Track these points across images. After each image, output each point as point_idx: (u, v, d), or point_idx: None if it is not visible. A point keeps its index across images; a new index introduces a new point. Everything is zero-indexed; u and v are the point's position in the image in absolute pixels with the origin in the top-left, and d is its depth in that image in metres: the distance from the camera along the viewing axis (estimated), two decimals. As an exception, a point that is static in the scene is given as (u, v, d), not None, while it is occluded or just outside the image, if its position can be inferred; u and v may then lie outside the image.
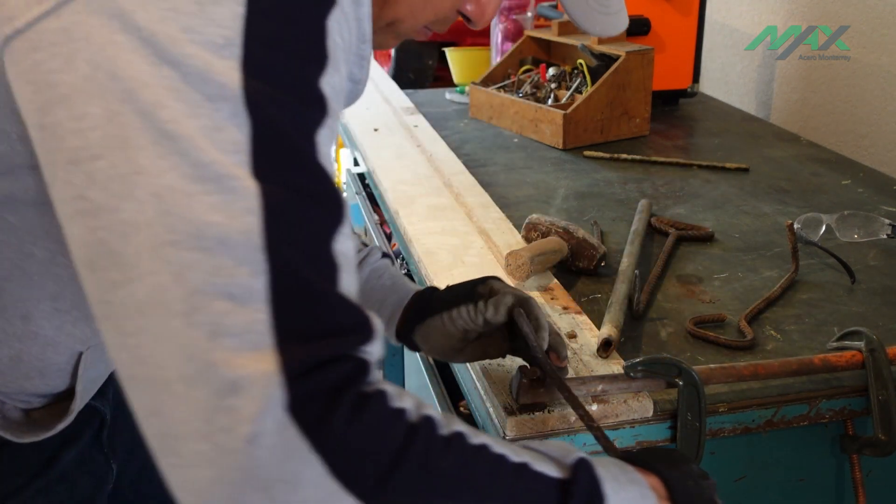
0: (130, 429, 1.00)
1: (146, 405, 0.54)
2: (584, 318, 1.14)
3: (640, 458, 0.75)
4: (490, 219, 1.47)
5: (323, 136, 0.59)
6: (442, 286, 1.23)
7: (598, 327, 1.11)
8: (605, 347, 1.05)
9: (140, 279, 0.53)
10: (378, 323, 0.59)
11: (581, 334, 1.10)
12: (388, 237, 1.89)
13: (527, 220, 1.38)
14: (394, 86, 2.44)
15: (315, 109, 0.58)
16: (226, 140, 0.54)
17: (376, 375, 0.58)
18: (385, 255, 1.06)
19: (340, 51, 0.61)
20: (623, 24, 0.89)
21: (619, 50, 1.95)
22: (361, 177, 2.09)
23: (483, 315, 0.91)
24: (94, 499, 0.94)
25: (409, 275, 1.51)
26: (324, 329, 0.54)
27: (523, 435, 0.93)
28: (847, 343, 1.05)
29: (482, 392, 1.00)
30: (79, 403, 0.86)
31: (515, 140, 2.00)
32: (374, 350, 0.58)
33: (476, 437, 0.61)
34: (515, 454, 0.63)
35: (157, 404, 0.53)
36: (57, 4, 0.57)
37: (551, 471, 0.64)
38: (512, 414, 0.93)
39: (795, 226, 1.35)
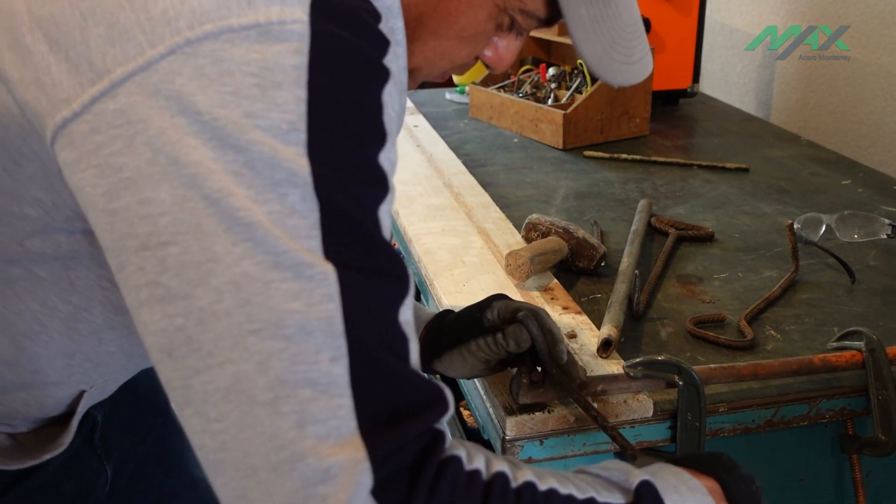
0: (126, 430, 0.99)
1: (232, 491, 0.55)
2: (584, 318, 1.14)
3: (693, 462, 0.75)
4: (490, 219, 1.47)
5: (384, 212, 0.60)
6: (442, 286, 1.23)
7: (598, 327, 1.11)
8: (605, 347, 1.05)
9: (221, 366, 0.54)
10: (448, 393, 0.60)
11: (581, 334, 1.10)
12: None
13: (527, 220, 1.38)
14: (394, 86, 2.44)
15: (377, 187, 0.60)
16: (297, 226, 0.55)
17: (452, 441, 0.60)
18: None
19: (394, 122, 0.63)
20: (646, 70, 0.83)
21: (619, 50, 1.95)
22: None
23: (505, 349, 0.90)
24: (78, 502, 0.93)
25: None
26: (403, 410, 0.56)
27: (523, 435, 0.93)
28: (847, 343, 1.05)
29: (482, 392, 1.00)
30: (70, 436, 0.85)
31: (515, 140, 2.00)
32: (447, 418, 0.60)
33: (544, 482, 0.62)
34: (581, 490, 0.64)
35: (245, 491, 0.55)
36: (111, 85, 0.57)
37: (617, 499, 0.65)
38: (512, 414, 0.93)
39: (795, 226, 1.35)
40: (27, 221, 0.67)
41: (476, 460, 0.60)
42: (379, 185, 0.60)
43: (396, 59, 0.65)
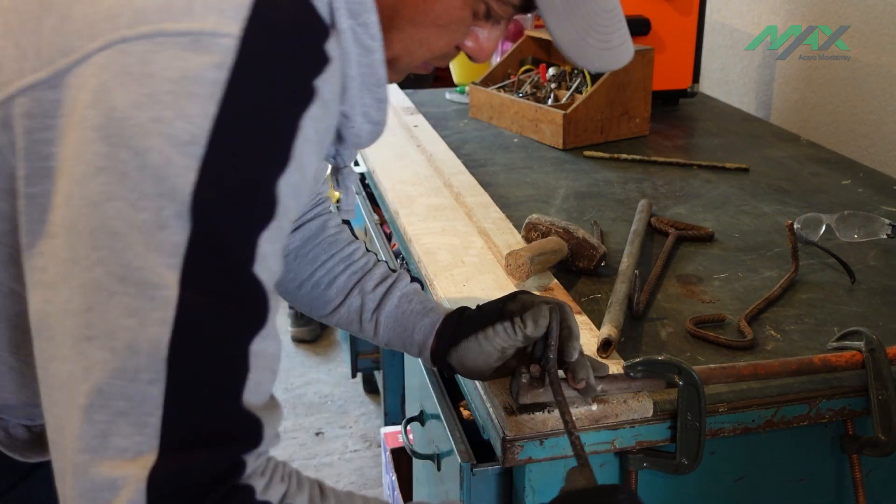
0: None
1: (55, 471, 0.61)
2: (584, 318, 1.14)
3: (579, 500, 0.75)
4: (490, 219, 1.47)
5: (266, 238, 0.62)
6: (442, 286, 1.23)
7: (598, 327, 1.11)
8: (605, 347, 1.05)
9: (62, 361, 0.59)
10: (266, 429, 0.63)
11: (581, 334, 1.10)
12: (388, 237, 1.89)
13: (527, 220, 1.38)
14: (394, 86, 2.44)
15: (263, 212, 0.61)
16: (164, 241, 0.58)
17: (255, 470, 0.63)
18: (413, 279, 1.06)
19: (312, 144, 0.64)
20: (626, 55, 0.82)
21: (619, 50, 1.95)
22: (361, 177, 2.09)
23: (523, 331, 0.90)
24: None
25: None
26: (207, 438, 0.60)
27: (523, 435, 0.93)
28: (847, 343, 1.05)
29: (482, 392, 1.00)
30: None
31: (515, 140, 2.00)
32: (260, 451, 0.63)
33: None
34: None
35: (58, 473, 0.60)
36: (54, 75, 0.60)
37: None
38: (512, 414, 0.93)
39: (795, 226, 1.35)
40: None
41: (272, 493, 0.64)
42: (266, 211, 0.62)
43: (334, 78, 0.66)
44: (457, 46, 0.78)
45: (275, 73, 0.61)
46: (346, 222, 1.13)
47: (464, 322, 0.96)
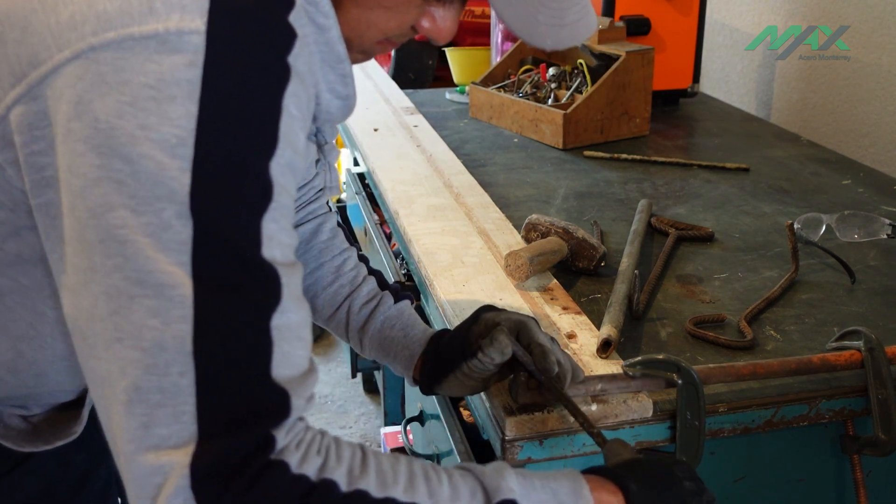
0: None
1: (112, 450, 0.64)
2: (583, 318, 1.14)
3: (618, 474, 0.76)
4: (490, 219, 1.47)
5: (269, 219, 0.64)
6: (442, 286, 1.23)
7: (598, 327, 1.11)
8: (605, 348, 1.05)
9: (98, 361, 0.62)
10: (296, 396, 0.65)
11: (581, 334, 1.10)
12: (388, 237, 1.89)
13: (527, 221, 1.38)
14: (394, 86, 2.44)
15: (260, 197, 0.64)
16: (171, 240, 0.60)
17: (288, 445, 0.65)
18: (400, 297, 1.06)
19: (297, 121, 0.66)
20: (583, 33, 0.80)
21: (619, 50, 1.95)
22: (361, 177, 2.09)
23: (492, 362, 0.90)
24: (79, 491, 0.96)
25: (413, 281, 1.51)
26: (241, 417, 0.62)
27: (523, 435, 0.93)
28: (846, 343, 1.05)
29: (482, 393, 1.00)
30: (82, 425, 0.88)
31: (515, 140, 2.00)
32: (290, 423, 0.65)
33: (383, 490, 0.67)
34: (432, 498, 0.68)
35: (115, 455, 0.64)
36: (29, 88, 0.62)
37: None
38: (511, 414, 0.93)
39: (795, 226, 1.35)
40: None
41: (308, 466, 0.65)
42: (263, 196, 0.64)
43: (307, 50, 0.68)
44: (413, 27, 0.78)
45: (247, 59, 0.62)
46: (341, 225, 1.13)
47: (440, 361, 0.96)
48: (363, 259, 1.11)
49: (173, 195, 0.60)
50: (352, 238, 1.13)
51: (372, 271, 1.09)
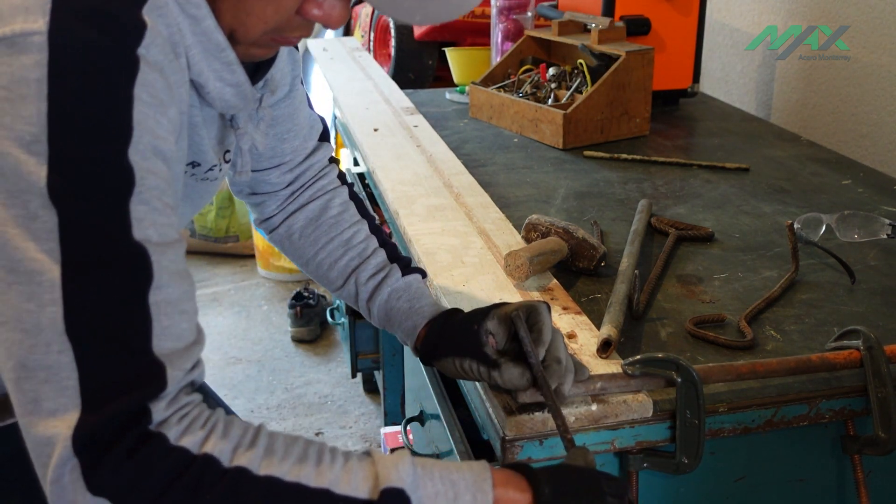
0: None
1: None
2: (583, 319, 1.14)
3: (535, 474, 0.77)
4: (490, 219, 1.47)
5: (137, 202, 0.69)
6: (442, 286, 1.23)
7: (598, 327, 1.11)
8: (605, 348, 1.05)
9: None
10: (174, 368, 0.70)
11: (581, 334, 1.10)
12: (389, 237, 1.89)
13: (527, 221, 1.38)
14: (394, 86, 2.44)
15: (121, 184, 0.68)
16: (39, 229, 0.66)
17: (169, 417, 0.70)
18: (409, 270, 1.08)
19: (153, 107, 0.70)
20: (459, 5, 0.78)
21: (619, 50, 1.95)
22: (361, 177, 2.09)
23: (498, 384, 0.91)
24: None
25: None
26: (117, 390, 0.67)
27: (522, 435, 0.93)
28: (845, 342, 1.05)
29: (482, 392, 1.00)
30: None
31: (515, 140, 2.00)
32: (166, 397, 0.70)
33: (267, 469, 0.70)
34: (319, 479, 0.71)
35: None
36: None
37: (359, 493, 0.72)
38: (511, 414, 0.93)
39: (795, 226, 1.35)
40: None
41: (189, 440, 0.69)
42: (124, 183, 0.68)
43: (158, 41, 0.71)
44: (301, 15, 0.78)
45: (90, 55, 0.66)
46: (354, 198, 1.15)
47: (444, 339, 0.97)
48: (376, 231, 1.12)
49: (33, 188, 0.65)
50: (365, 210, 1.15)
51: (384, 243, 1.11)
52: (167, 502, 0.67)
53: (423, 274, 1.10)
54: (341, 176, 1.17)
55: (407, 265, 1.09)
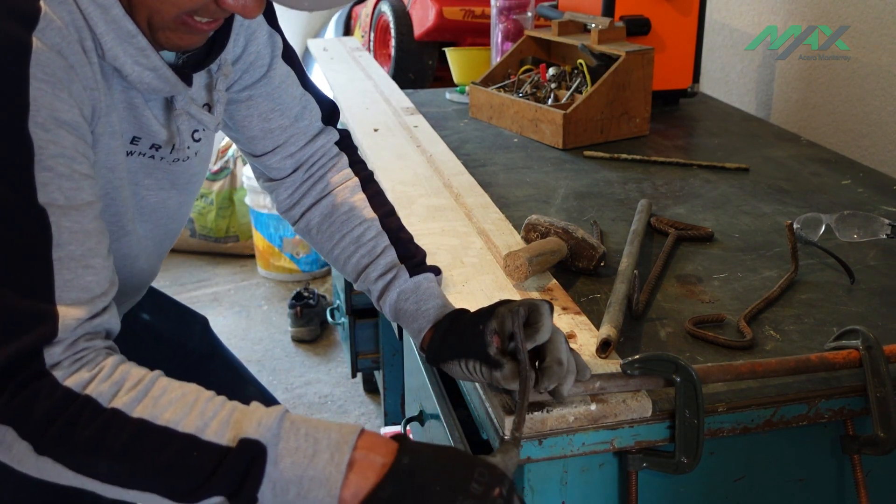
0: None
1: None
2: (583, 318, 1.14)
3: (405, 443, 0.79)
4: (490, 219, 1.47)
5: (41, 168, 0.77)
6: (442, 287, 1.23)
7: (598, 327, 1.11)
8: (604, 348, 1.05)
9: None
10: (66, 317, 0.78)
11: (580, 334, 1.10)
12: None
13: (526, 221, 1.38)
14: (394, 86, 2.44)
15: (21, 153, 0.77)
16: None
17: (61, 361, 0.77)
18: (419, 269, 1.07)
19: (50, 85, 0.78)
20: None
21: (619, 50, 1.95)
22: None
23: (500, 385, 0.91)
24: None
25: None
26: (12, 334, 0.76)
27: (522, 435, 0.93)
28: (844, 342, 1.05)
29: (481, 392, 1.00)
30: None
31: (515, 140, 2.00)
32: (61, 342, 0.77)
33: (139, 413, 0.77)
34: (188, 424, 0.77)
35: None
36: None
37: (221, 441, 0.77)
38: (511, 414, 0.93)
39: (795, 226, 1.35)
40: None
41: (74, 381, 0.77)
42: (25, 153, 0.77)
43: (53, 25, 0.78)
44: (217, 2, 0.82)
45: None
46: (368, 189, 1.15)
47: (448, 342, 0.97)
48: (388, 226, 1.12)
49: None
50: (378, 201, 1.14)
51: (396, 240, 1.10)
52: (48, 437, 0.75)
53: (437, 271, 1.10)
54: (354, 164, 1.17)
55: (417, 265, 1.08)
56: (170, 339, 1.30)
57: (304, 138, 1.13)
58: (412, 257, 1.09)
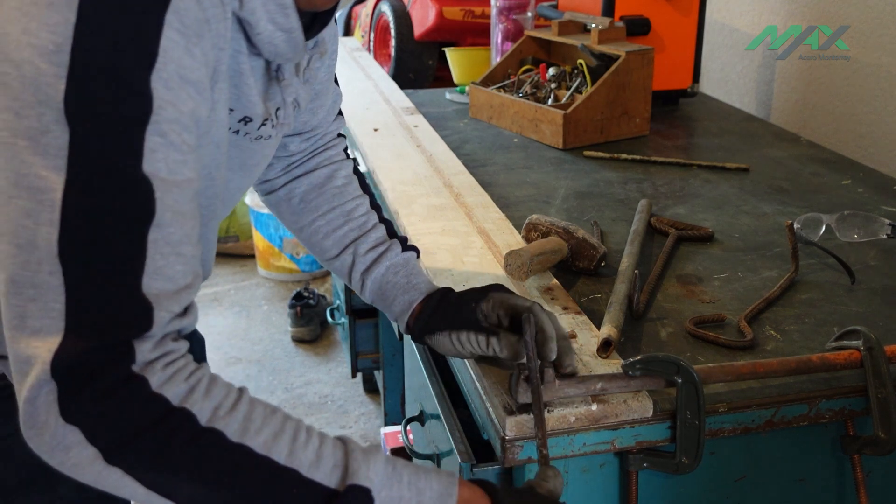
0: None
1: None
2: (583, 319, 1.14)
3: (499, 495, 0.78)
4: (490, 219, 1.47)
5: (153, 132, 0.66)
6: (442, 286, 1.23)
7: (598, 327, 1.11)
8: (605, 348, 1.05)
9: None
10: (161, 310, 0.68)
11: (581, 334, 1.10)
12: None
13: (527, 221, 1.38)
14: (394, 86, 2.44)
15: (138, 109, 0.66)
16: (49, 144, 0.63)
17: (151, 361, 0.68)
18: (408, 247, 1.09)
19: (183, 37, 0.67)
20: None
21: (619, 50, 1.95)
22: (361, 177, 2.09)
23: (496, 352, 0.92)
24: None
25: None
26: (103, 322, 0.66)
27: (523, 434, 0.93)
28: (845, 342, 1.05)
29: (482, 392, 1.00)
30: None
31: (515, 140, 2.00)
32: (152, 338, 0.68)
33: (242, 437, 0.69)
34: (290, 458, 0.70)
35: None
36: None
37: (326, 481, 0.71)
38: (511, 414, 0.93)
39: (795, 226, 1.35)
40: None
41: (170, 390, 0.68)
42: (141, 109, 0.66)
43: None
44: None
45: None
46: (357, 174, 1.15)
47: (439, 313, 0.98)
48: (376, 207, 1.13)
49: (50, 100, 0.62)
50: (366, 186, 1.16)
51: (383, 219, 1.12)
52: (137, 447, 0.67)
53: (419, 253, 1.11)
54: (346, 151, 1.18)
55: (405, 241, 1.10)
56: None
57: (325, 126, 1.14)
58: (397, 235, 1.11)
